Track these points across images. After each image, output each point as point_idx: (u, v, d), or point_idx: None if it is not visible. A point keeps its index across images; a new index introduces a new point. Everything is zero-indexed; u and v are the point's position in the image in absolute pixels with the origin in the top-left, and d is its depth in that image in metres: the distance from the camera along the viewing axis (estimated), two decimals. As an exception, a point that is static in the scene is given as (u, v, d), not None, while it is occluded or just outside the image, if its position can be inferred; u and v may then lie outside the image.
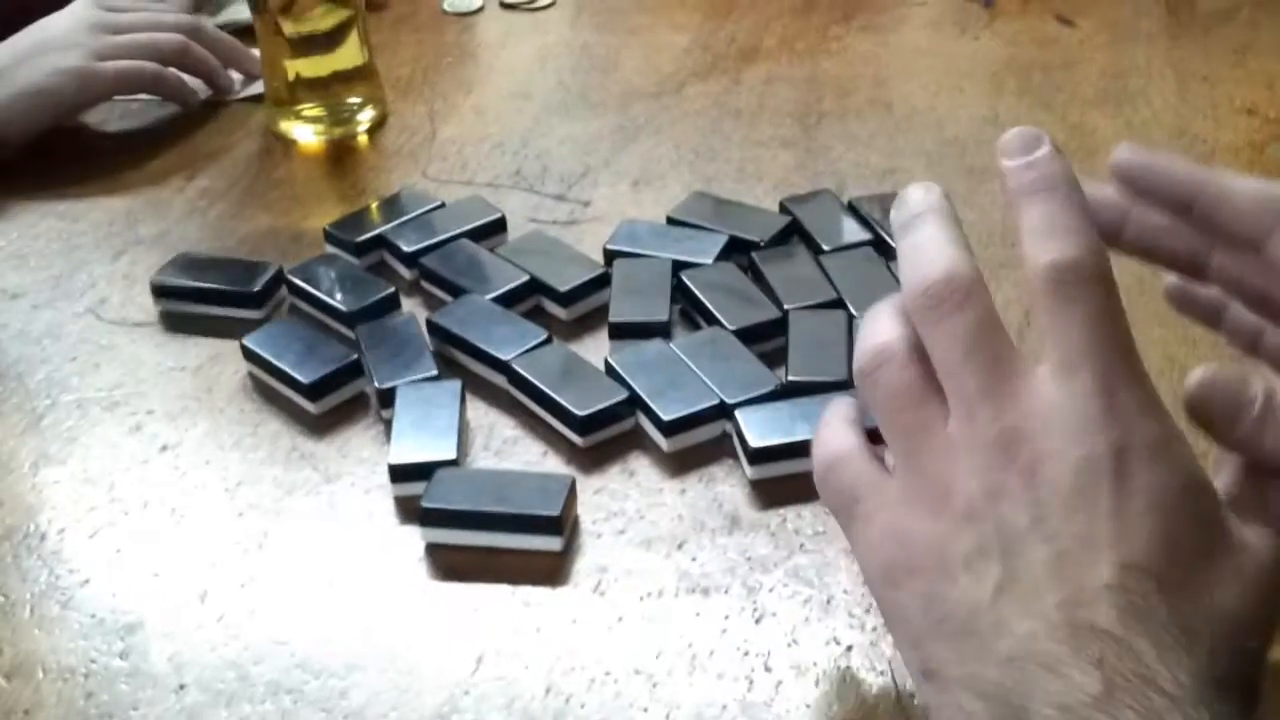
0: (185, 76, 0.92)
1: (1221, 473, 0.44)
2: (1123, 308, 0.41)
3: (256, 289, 0.69)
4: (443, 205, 0.76)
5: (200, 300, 0.70)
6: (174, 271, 0.71)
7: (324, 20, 0.85)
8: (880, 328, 0.44)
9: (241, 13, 0.99)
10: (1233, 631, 0.39)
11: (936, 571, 0.41)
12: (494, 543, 0.55)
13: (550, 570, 0.54)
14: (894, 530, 0.42)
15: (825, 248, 0.70)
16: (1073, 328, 0.41)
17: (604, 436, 0.60)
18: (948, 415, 0.42)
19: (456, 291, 0.68)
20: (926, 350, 0.43)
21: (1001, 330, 0.42)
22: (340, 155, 0.87)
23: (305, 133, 0.87)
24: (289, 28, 0.84)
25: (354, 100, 0.88)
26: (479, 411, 0.62)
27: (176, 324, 0.70)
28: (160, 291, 0.71)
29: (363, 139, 0.88)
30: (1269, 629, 0.42)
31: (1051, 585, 0.39)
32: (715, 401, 0.59)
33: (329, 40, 0.86)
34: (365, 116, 0.88)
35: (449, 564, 0.55)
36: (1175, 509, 0.40)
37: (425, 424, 0.59)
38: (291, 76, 0.86)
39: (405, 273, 0.72)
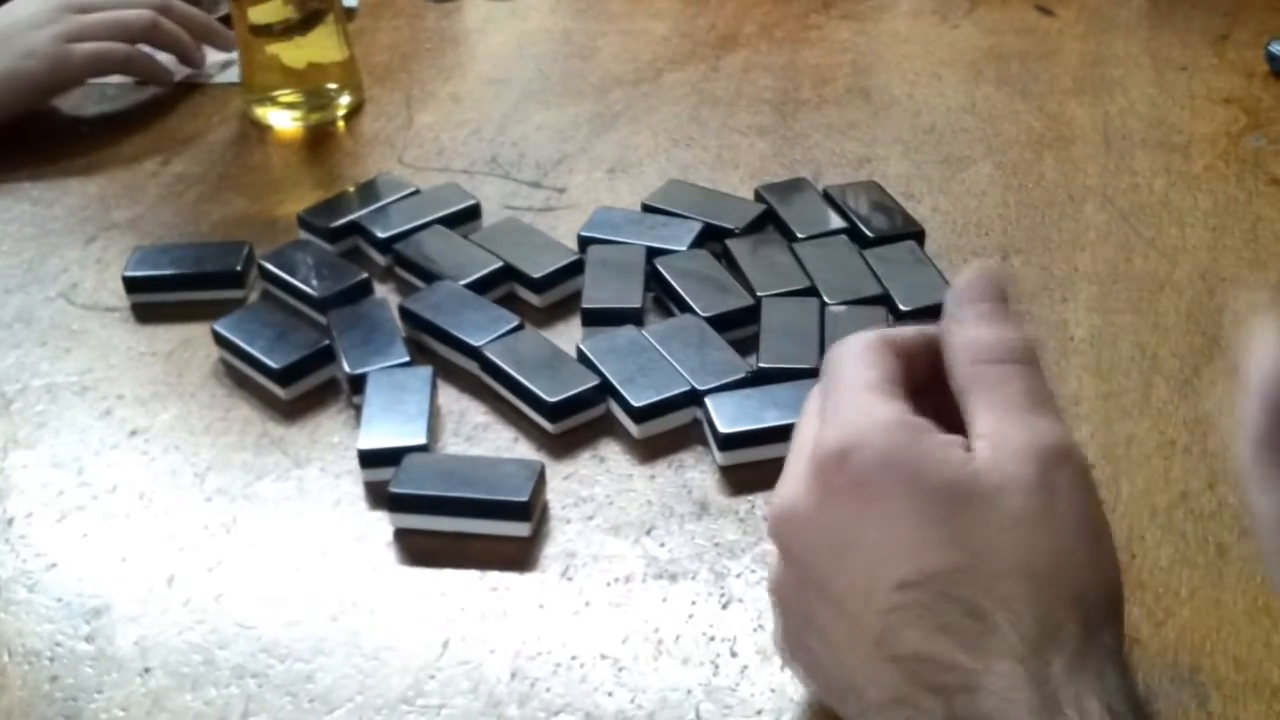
0: (158, 54, 0.91)
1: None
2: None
3: (239, 268, 0.69)
4: (418, 192, 0.75)
5: (179, 288, 0.70)
6: (144, 263, 0.71)
7: (291, 10, 0.85)
8: None
9: None
10: (1041, 576, 0.38)
11: (797, 637, 0.44)
12: (462, 528, 0.55)
13: (518, 555, 0.54)
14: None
15: (800, 235, 0.70)
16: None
17: (575, 423, 0.60)
18: None
19: (430, 278, 0.68)
20: None
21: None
22: (316, 141, 0.87)
23: (282, 118, 0.87)
24: (255, 16, 0.84)
25: (331, 86, 0.88)
26: (450, 397, 0.62)
27: (148, 310, 0.70)
28: (134, 285, 0.70)
29: (339, 125, 0.88)
30: (1104, 555, 0.40)
31: (855, 629, 0.40)
32: (686, 388, 0.59)
33: (302, 27, 0.85)
34: (342, 103, 0.88)
35: (417, 549, 0.55)
36: (912, 508, 0.39)
37: (396, 409, 0.59)
38: (268, 63, 0.86)
39: (379, 259, 0.72)
